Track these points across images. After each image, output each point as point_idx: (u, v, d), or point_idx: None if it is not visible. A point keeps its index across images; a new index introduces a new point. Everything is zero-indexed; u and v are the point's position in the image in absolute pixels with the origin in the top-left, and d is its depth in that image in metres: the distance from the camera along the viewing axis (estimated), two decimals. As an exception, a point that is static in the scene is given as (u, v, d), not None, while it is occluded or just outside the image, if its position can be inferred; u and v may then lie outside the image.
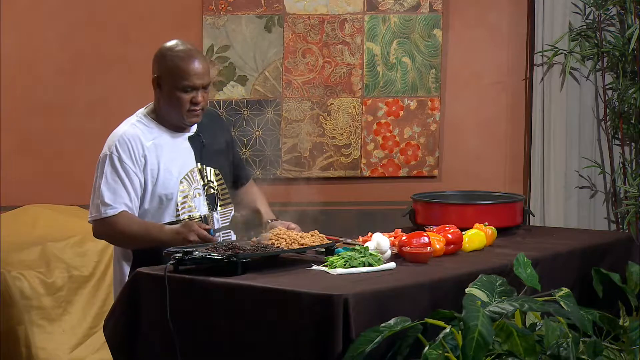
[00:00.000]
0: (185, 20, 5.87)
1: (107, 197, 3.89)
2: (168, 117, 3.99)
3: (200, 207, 4.02)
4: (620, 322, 4.03)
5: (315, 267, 3.66)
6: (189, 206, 3.99)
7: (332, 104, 5.99)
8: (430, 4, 5.99)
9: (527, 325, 3.66)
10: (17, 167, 5.81)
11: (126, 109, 5.93)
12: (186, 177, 4.00)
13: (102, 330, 3.80)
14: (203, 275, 3.52)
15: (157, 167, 3.95)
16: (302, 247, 3.74)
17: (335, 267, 3.60)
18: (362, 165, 6.04)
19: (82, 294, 5.33)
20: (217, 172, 4.08)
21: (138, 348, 3.65)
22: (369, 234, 3.97)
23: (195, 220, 3.97)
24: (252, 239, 3.77)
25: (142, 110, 4.08)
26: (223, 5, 5.87)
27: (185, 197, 3.99)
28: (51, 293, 5.27)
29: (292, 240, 3.75)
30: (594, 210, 6.09)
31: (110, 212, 3.89)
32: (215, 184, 4.07)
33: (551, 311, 3.51)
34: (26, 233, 5.41)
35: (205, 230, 3.80)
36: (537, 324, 3.64)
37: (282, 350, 3.32)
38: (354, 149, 6.02)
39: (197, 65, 3.90)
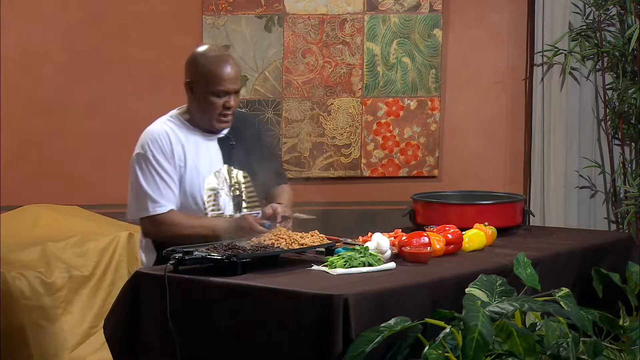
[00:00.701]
0: (185, 20, 5.87)
1: (154, 195, 3.97)
2: (200, 121, 4.06)
3: (226, 207, 4.05)
4: (620, 322, 4.03)
5: (315, 267, 3.66)
6: (214, 205, 4.03)
7: (332, 104, 5.99)
8: (430, 4, 5.99)
9: (527, 325, 3.66)
10: (17, 167, 5.81)
11: (126, 109, 5.95)
12: (214, 176, 4.04)
13: (102, 330, 3.80)
14: (203, 275, 3.52)
15: (184, 164, 4.01)
16: (302, 247, 3.74)
17: (335, 267, 3.60)
18: (362, 165, 6.04)
19: (82, 294, 5.33)
20: (246, 174, 4.11)
21: (138, 348, 3.65)
22: (369, 234, 3.97)
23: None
24: (252, 239, 3.78)
25: (174, 111, 4.14)
26: (223, 5, 5.87)
27: (210, 196, 4.03)
28: (51, 293, 5.26)
29: (292, 240, 3.75)
30: (594, 210, 6.09)
31: (160, 210, 3.97)
32: (243, 186, 4.10)
33: (551, 311, 3.51)
34: (26, 233, 5.41)
35: (260, 224, 3.87)
36: (537, 324, 3.65)
37: (282, 350, 3.32)
38: (354, 149, 6.02)
39: (230, 70, 3.96)
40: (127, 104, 5.84)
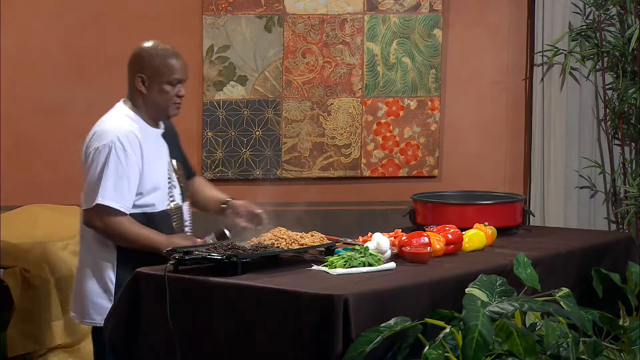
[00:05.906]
0: (185, 20, 5.87)
1: (113, 192, 3.98)
2: (153, 112, 4.16)
3: (177, 198, 4.18)
4: (620, 322, 4.04)
5: (315, 267, 3.66)
6: (171, 197, 4.14)
7: (332, 104, 5.99)
8: (430, 4, 5.99)
9: (527, 325, 3.66)
10: (17, 167, 5.81)
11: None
12: (167, 169, 4.17)
13: (102, 330, 3.80)
14: (203, 275, 3.52)
15: (142, 161, 4.07)
16: (302, 247, 3.74)
17: (335, 267, 3.60)
18: (362, 165, 6.04)
19: (82, 294, 5.32)
20: (180, 166, 4.26)
21: (138, 348, 3.65)
22: (369, 234, 3.97)
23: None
24: (252, 239, 3.78)
25: (122, 106, 4.18)
26: (223, 5, 5.87)
27: (168, 187, 4.15)
28: (51, 293, 5.26)
29: (292, 240, 3.75)
30: (594, 210, 6.09)
31: (115, 205, 3.97)
32: (180, 177, 4.24)
33: (551, 311, 3.52)
34: (26, 233, 5.41)
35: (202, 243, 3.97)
36: (537, 324, 3.65)
37: (282, 350, 3.32)
38: (354, 149, 6.02)
39: (181, 61, 4.18)
40: (127, 104, 5.83)
